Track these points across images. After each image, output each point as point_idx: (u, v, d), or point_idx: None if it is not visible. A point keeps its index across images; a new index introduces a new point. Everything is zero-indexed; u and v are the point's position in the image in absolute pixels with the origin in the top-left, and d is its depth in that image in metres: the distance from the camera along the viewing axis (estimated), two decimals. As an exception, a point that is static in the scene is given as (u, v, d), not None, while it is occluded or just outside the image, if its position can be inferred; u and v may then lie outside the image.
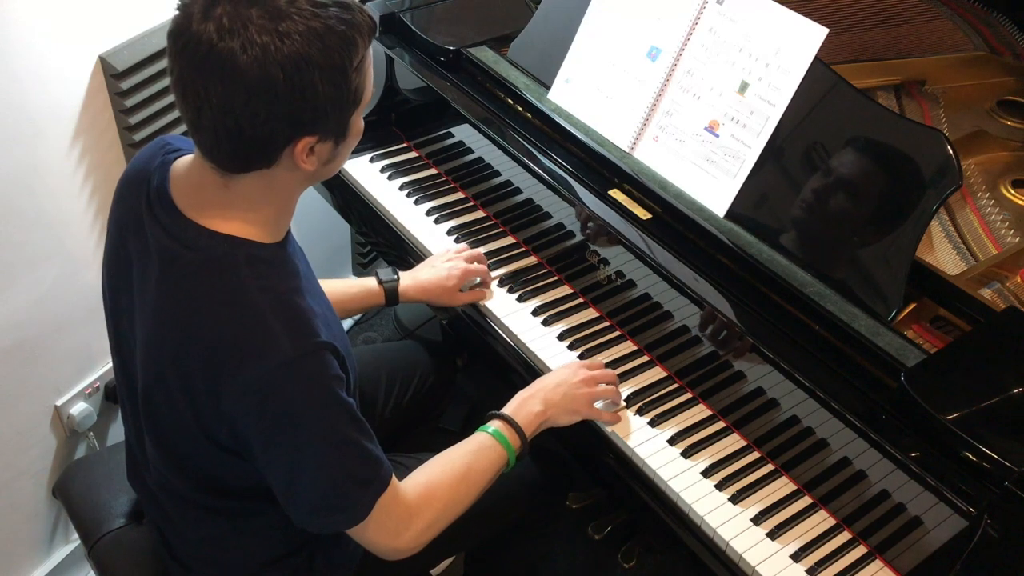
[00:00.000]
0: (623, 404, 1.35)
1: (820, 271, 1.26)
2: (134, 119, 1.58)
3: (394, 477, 1.10)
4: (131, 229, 1.08)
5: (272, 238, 1.05)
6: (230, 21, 0.88)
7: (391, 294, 1.49)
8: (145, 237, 1.04)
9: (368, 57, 0.98)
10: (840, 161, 1.28)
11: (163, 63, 1.59)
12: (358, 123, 1.03)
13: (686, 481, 1.26)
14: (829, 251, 1.27)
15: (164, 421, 1.10)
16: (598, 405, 1.32)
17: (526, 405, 1.28)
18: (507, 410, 1.27)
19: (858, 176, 1.27)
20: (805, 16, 1.28)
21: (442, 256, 1.54)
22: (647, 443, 1.30)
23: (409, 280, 1.50)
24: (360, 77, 0.97)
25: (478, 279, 1.53)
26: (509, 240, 1.65)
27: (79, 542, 1.49)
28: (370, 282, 1.49)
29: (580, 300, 1.53)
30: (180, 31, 0.91)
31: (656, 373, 1.41)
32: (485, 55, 1.65)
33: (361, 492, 1.06)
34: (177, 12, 0.92)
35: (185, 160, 1.06)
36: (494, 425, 1.25)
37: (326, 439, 1.02)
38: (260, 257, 1.02)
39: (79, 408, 1.71)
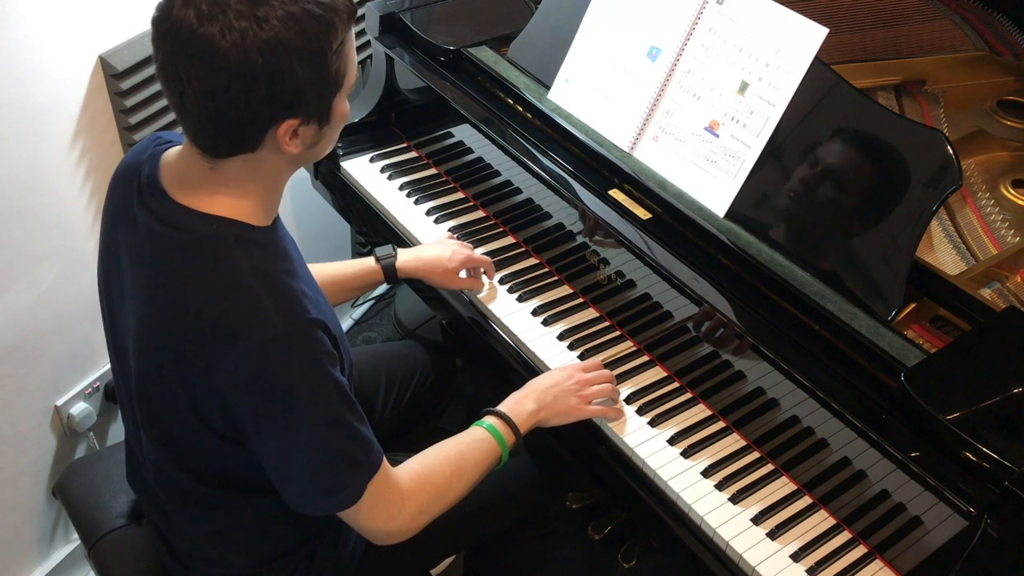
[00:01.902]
0: (622, 403, 1.35)
1: (820, 271, 1.26)
2: (134, 119, 1.58)
3: (386, 462, 1.11)
4: (122, 219, 1.09)
5: (260, 221, 1.06)
6: (209, 7, 0.90)
7: (389, 270, 1.49)
8: (136, 225, 1.06)
9: (349, 40, 1.00)
10: (840, 161, 1.28)
11: (163, 63, 1.59)
12: (342, 106, 1.04)
13: (686, 481, 1.26)
14: (829, 251, 1.27)
15: (159, 410, 1.10)
16: (596, 403, 1.32)
17: (520, 404, 1.29)
18: (502, 408, 1.28)
19: (858, 176, 1.27)
20: (805, 16, 1.28)
21: (448, 239, 1.55)
22: (647, 443, 1.30)
23: (409, 256, 1.50)
24: (340, 60, 0.99)
25: (481, 269, 1.53)
26: (509, 240, 1.65)
27: (79, 542, 1.49)
28: (368, 260, 1.50)
29: (580, 300, 1.53)
30: (162, 18, 0.93)
31: (656, 373, 1.41)
32: (485, 55, 1.65)
33: (353, 473, 1.06)
34: (160, 0, 0.94)
35: (175, 149, 1.08)
36: (489, 421, 1.26)
37: (318, 416, 1.03)
38: (249, 238, 1.03)
39: (79, 408, 1.71)
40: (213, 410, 1.04)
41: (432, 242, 1.56)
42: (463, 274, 1.51)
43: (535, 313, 1.50)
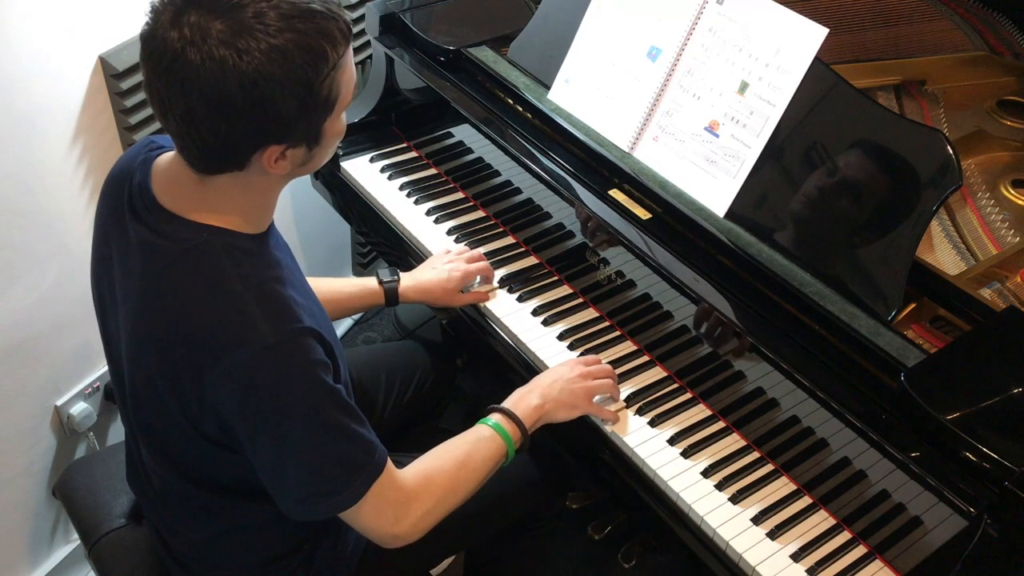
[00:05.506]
0: (622, 403, 1.35)
1: (820, 271, 1.26)
2: (134, 119, 1.58)
3: (391, 464, 1.10)
4: (112, 226, 1.08)
5: (252, 229, 1.05)
6: (192, 32, 0.89)
7: (391, 295, 1.49)
8: (127, 233, 1.05)
9: (343, 61, 0.97)
10: (840, 161, 1.28)
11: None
12: (335, 126, 1.02)
13: (686, 481, 1.26)
14: (829, 251, 1.27)
15: (153, 419, 1.10)
16: (596, 400, 1.32)
17: (525, 399, 1.29)
18: (507, 404, 1.28)
19: (858, 176, 1.27)
20: (805, 16, 1.28)
21: (442, 257, 1.54)
22: (647, 443, 1.30)
23: (410, 281, 1.50)
24: (332, 84, 0.96)
25: (478, 279, 1.53)
26: (509, 240, 1.65)
27: (79, 542, 1.49)
28: (370, 282, 1.49)
29: (580, 300, 1.53)
30: (149, 36, 0.92)
31: (656, 373, 1.41)
32: (485, 55, 1.65)
33: (351, 476, 1.05)
34: (148, 15, 0.92)
35: (167, 156, 1.07)
36: (494, 418, 1.26)
37: (310, 424, 1.02)
38: (238, 246, 1.02)
39: (79, 408, 1.71)
40: (206, 420, 1.04)
41: (427, 264, 1.54)
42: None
43: (535, 313, 1.50)
